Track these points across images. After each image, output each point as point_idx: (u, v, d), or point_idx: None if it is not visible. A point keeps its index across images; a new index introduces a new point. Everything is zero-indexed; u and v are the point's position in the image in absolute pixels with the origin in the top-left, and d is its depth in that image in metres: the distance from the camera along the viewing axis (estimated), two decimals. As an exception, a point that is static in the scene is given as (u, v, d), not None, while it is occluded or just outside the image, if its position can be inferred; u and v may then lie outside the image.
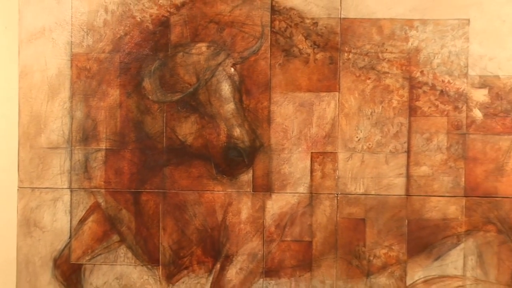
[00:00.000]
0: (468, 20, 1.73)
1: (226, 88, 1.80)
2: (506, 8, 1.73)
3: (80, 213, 1.82)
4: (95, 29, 1.81)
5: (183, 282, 1.82)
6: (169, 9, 1.79)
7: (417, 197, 1.76)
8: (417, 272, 1.76)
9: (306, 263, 1.79)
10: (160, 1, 1.79)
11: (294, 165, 1.79)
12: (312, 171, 1.79)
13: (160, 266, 1.82)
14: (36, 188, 1.83)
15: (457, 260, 1.74)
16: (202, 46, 1.80)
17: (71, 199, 1.82)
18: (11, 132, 1.84)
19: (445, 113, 1.74)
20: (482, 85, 1.73)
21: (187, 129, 1.81)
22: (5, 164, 1.86)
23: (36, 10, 1.82)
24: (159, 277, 1.82)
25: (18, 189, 1.82)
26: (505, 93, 1.73)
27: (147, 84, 1.81)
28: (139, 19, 1.80)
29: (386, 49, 1.75)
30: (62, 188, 1.83)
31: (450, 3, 1.74)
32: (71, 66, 1.81)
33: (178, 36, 1.80)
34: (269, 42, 1.78)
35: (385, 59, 1.75)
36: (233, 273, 1.81)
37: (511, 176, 1.74)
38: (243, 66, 1.79)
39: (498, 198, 1.74)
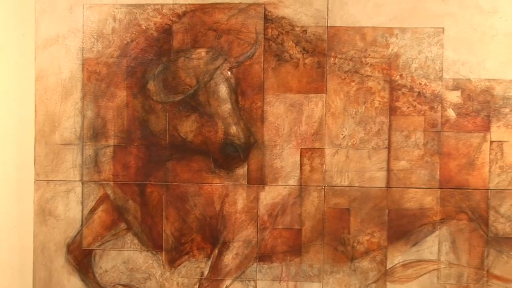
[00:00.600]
0: (443, 28, 1.83)
1: (223, 90, 1.88)
2: (477, 18, 1.82)
3: (90, 203, 1.91)
4: (104, 36, 1.90)
5: (184, 266, 1.90)
6: (171, 18, 1.88)
7: (396, 189, 1.85)
8: (396, 257, 1.85)
9: (296, 249, 1.88)
10: (164, 11, 1.88)
11: (285, 160, 1.87)
12: (301, 165, 1.87)
13: (164, 252, 1.91)
14: (50, 180, 1.91)
15: (432, 246, 1.84)
16: (202, 52, 1.88)
17: (82, 190, 1.91)
18: (28, 130, 1.93)
19: (422, 112, 1.84)
20: (455, 88, 1.83)
21: (188, 127, 1.90)
22: (22, 159, 1.96)
23: (50, 19, 1.90)
24: (163, 262, 1.91)
25: (34, 182, 1.91)
26: (476, 95, 1.82)
27: (151, 86, 1.89)
28: (144, 27, 1.88)
29: (369, 55, 1.84)
30: (74, 180, 1.91)
31: (426, 13, 1.83)
32: (83, 70, 1.90)
33: (180, 43, 1.89)
34: (263, 48, 1.86)
35: (367, 63, 1.85)
36: (229, 258, 1.90)
37: (481, 170, 1.82)
38: (239, 70, 1.87)
39: (469, 190, 1.83)
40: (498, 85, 1.83)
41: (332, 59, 1.86)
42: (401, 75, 1.84)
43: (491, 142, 1.85)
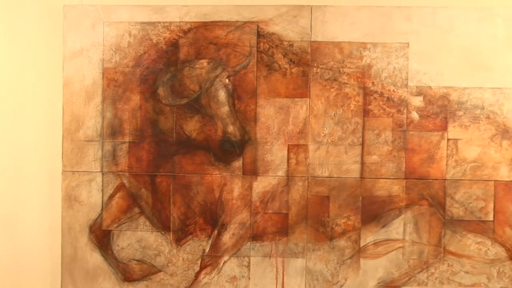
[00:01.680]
0: (408, 43, 1.94)
1: (222, 95, 1.99)
2: (436, 35, 1.94)
3: (109, 191, 2.02)
4: (121, 49, 1.99)
5: (188, 244, 2.01)
6: (178, 34, 1.98)
7: (369, 179, 1.97)
8: (368, 237, 1.97)
9: (283, 230, 1.99)
10: (172, 27, 1.98)
11: (275, 154, 1.98)
12: (288, 159, 1.98)
13: (171, 232, 2.01)
14: (75, 171, 2.01)
15: (398, 227, 1.96)
16: (204, 62, 1.98)
17: (102, 180, 2.01)
18: (56, 129, 2.03)
19: (391, 114, 1.96)
20: (418, 94, 1.95)
21: (191, 126, 2.00)
22: (52, 153, 2.06)
23: (76, 34, 2.00)
24: (170, 241, 2.01)
25: (62, 172, 2.01)
26: (435, 100, 1.94)
27: (161, 91, 2.00)
28: (155, 41, 1.98)
29: (346, 65, 1.95)
30: (96, 171, 2.01)
31: (394, 31, 1.94)
32: (103, 78, 2.00)
33: (185, 54, 1.98)
34: (256, 59, 1.97)
35: (344, 72, 1.96)
36: (227, 238, 2.00)
37: (439, 163, 1.94)
38: (235, 78, 1.98)
39: (429, 180, 1.95)
40: (454, 91, 1.94)
41: (314, 69, 1.96)
42: (373, 83, 1.96)
43: (448, 139, 1.95)
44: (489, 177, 1.95)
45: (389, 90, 1.96)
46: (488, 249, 1.95)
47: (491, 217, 1.95)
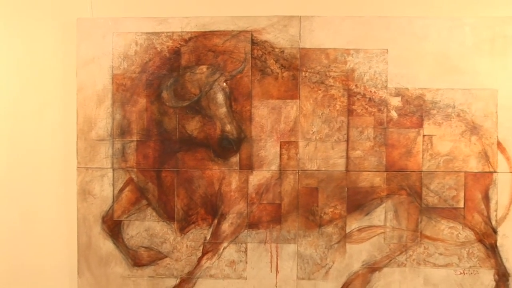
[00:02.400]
0: (387, 49, 2.00)
1: (220, 97, 2.02)
2: (412, 42, 1.99)
3: (119, 185, 2.06)
4: (128, 57, 2.04)
5: (191, 233, 2.06)
6: (180, 42, 2.02)
7: (353, 172, 2.02)
8: (353, 224, 2.03)
9: (277, 218, 2.04)
10: (174, 37, 2.02)
11: (268, 150, 2.03)
12: (280, 154, 2.02)
13: (175, 222, 2.06)
14: (89, 167, 2.05)
15: (380, 215, 2.02)
16: (203, 68, 2.02)
17: (113, 175, 2.05)
18: (71, 129, 2.08)
19: (372, 113, 2.01)
20: (397, 94, 2.00)
21: (193, 126, 2.04)
22: (67, 151, 2.10)
23: (88, 44, 2.04)
24: (175, 229, 2.06)
25: (77, 169, 2.05)
26: (412, 100, 2.00)
27: (165, 94, 2.03)
28: (159, 49, 2.03)
29: (331, 69, 2.00)
30: (107, 167, 2.05)
31: (374, 38, 2.00)
32: (112, 83, 2.04)
33: (186, 61, 2.03)
34: (250, 65, 2.01)
35: (330, 76, 2.00)
36: (226, 226, 2.05)
37: (416, 157, 2.00)
38: (232, 82, 2.02)
39: (407, 172, 2.01)
40: (428, 92, 1.99)
41: (303, 73, 2.01)
42: (356, 85, 2.01)
43: (424, 135, 2.01)
44: (460, 169, 2.00)
45: (370, 92, 2.01)
46: (459, 233, 2.02)
47: (461, 205, 2.01)
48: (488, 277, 2.03)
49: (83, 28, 2.05)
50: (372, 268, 2.05)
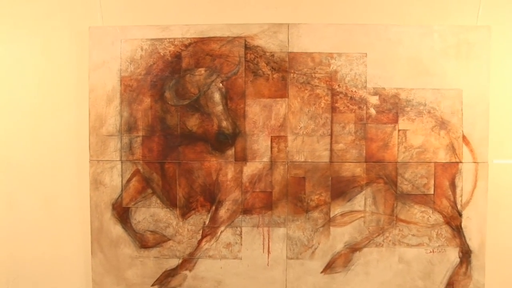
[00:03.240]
0: (366, 53, 2.07)
1: (217, 96, 2.06)
2: (388, 47, 2.06)
3: (127, 175, 2.10)
4: (135, 61, 2.09)
5: (192, 218, 2.11)
6: (181, 47, 2.07)
7: (336, 163, 2.08)
8: (336, 209, 2.10)
9: (268, 205, 2.10)
10: (175, 42, 2.07)
11: (260, 144, 2.08)
12: (271, 147, 2.08)
13: (177, 208, 2.11)
14: (100, 160, 2.10)
15: (360, 201, 2.10)
16: (202, 70, 2.06)
17: (121, 167, 2.10)
18: (84, 126, 2.14)
19: (353, 111, 2.07)
20: (375, 94, 2.08)
21: (193, 122, 2.08)
22: (81, 146, 2.16)
23: (99, 50, 2.10)
24: (177, 215, 2.11)
25: (89, 161, 2.11)
26: (388, 98, 2.07)
27: (167, 94, 2.08)
28: (162, 54, 2.08)
29: (317, 71, 2.06)
30: (116, 160, 2.10)
31: (355, 43, 2.06)
32: (120, 84, 2.09)
33: (187, 64, 2.07)
34: (244, 67, 2.06)
35: (316, 77, 2.07)
36: (223, 212, 2.11)
37: (392, 149, 2.08)
38: (227, 82, 2.07)
39: (385, 163, 2.09)
40: (403, 92, 2.07)
41: (291, 74, 2.06)
42: (338, 85, 2.07)
43: (399, 130, 2.08)
44: (430, 160, 2.10)
45: (351, 91, 2.08)
46: (430, 216, 2.12)
47: (432, 191, 2.11)
48: (453, 254, 2.14)
49: (95, 35, 2.11)
50: (353, 248, 2.13)
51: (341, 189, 2.11)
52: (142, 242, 2.15)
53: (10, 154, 2.24)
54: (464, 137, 2.10)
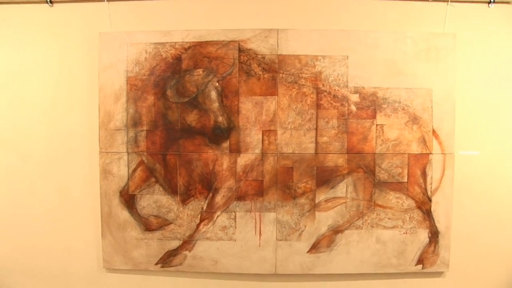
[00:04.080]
0: (347, 56, 2.16)
1: (213, 94, 2.14)
2: (367, 50, 2.15)
3: (133, 166, 2.19)
4: (140, 63, 2.17)
5: (191, 204, 2.20)
6: (181, 50, 2.16)
7: (321, 154, 2.17)
8: (321, 196, 2.19)
9: (259, 192, 2.19)
10: (176, 46, 2.15)
11: (253, 137, 2.16)
12: (262, 140, 2.16)
13: (178, 195, 2.20)
14: (109, 152, 2.20)
15: (342, 188, 2.19)
16: (200, 71, 2.15)
17: (128, 158, 2.19)
18: (94, 122, 2.23)
19: (336, 107, 2.17)
20: (355, 92, 2.17)
21: (192, 118, 2.15)
22: (91, 139, 2.24)
23: (108, 53, 2.18)
24: (178, 201, 2.20)
25: (99, 153, 2.21)
26: (367, 96, 2.17)
27: (169, 92, 2.16)
28: (164, 56, 2.16)
29: (303, 72, 2.15)
30: (123, 152, 2.19)
31: (337, 47, 2.15)
32: (127, 84, 2.18)
33: (186, 65, 2.15)
34: (238, 68, 2.14)
35: (303, 77, 2.15)
36: (219, 198, 2.19)
37: (371, 142, 2.18)
38: (223, 82, 2.15)
39: (364, 154, 2.18)
40: (380, 90, 2.17)
41: (281, 74, 2.15)
42: (323, 84, 2.16)
43: (376, 125, 2.18)
44: (404, 151, 2.21)
45: (334, 90, 2.18)
46: (403, 202, 2.24)
47: (405, 179, 2.22)
48: (423, 235, 2.28)
49: (104, 40, 2.21)
50: (336, 230, 2.24)
51: (325, 178, 2.20)
52: (147, 226, 2.23)
53: (29, 147, 2.32)
54: (433, 131, 2.22)
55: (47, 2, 2.27)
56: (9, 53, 2.28)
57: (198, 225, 2.23)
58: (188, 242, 2.24)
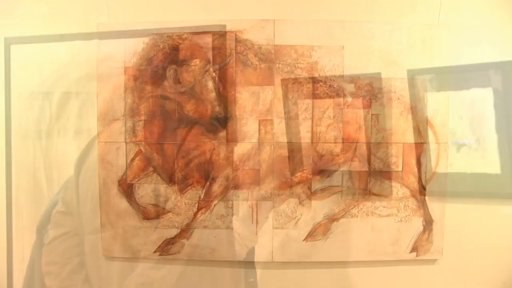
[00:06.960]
0: (343, 46, 2.11)
1: (210, 84, 2.11)
2: (362, 41, 2.10)
3: (131, 155, 2.16)
4: (137, 53, 2.15)
5: (188, 193, 2.16)
6: (178, 41, 2.12)
7: (317, 144, 2.15)
8: (317, 184, 2.15)
9: (256, 181, 2.15)
10: (173, 37, 2.10)
11: (250, 126, 2.13)
12: (259, 130, 2.13)
13: (176, 184, 2.16)
14: (107, 141, 2.17)
15: (338, 177, 2.15)
16: (197, 61, 2.12)
17: (126, 148, 2.16)
18: (93, 111, 2.17)
19: (332, 97, 2.12)
20: (351, 82, 2.13)
21: (189, 107, 2.13)
22: (90, 128, 2.19)
23: (107, 45, 2.17)
24: (175, 190, 2.17)
25: (98, 143, 2.18)
26: (363, 86, 2.12)
27: (166, 83, 2.13)
28: (161, 47, 2.12)
29: (299, 62, 2.11)
30: (121, 141, 2.17)
31: (333, 37, 2.07)
32: (125, 74, 2.15)
33: (183, 56, 2.12)
34: (234, 58, 2.11)
35: (299, 67, 2.12)
36: (216, 187, 2.16)
37: (366, 131, 2.13)
38: (220, 72, 2.11)
39: (359, 143, 2.14)
40: (375, 81, 2.15)
41: (277, 64, 2.11)
42: (319, 74, 2.12)
43: (372, 114, 2.14)
44: (399, 141, 2.17)
45: (330, 80, 2.13)
46: (398, 190, 2.22)
47: (400, 168, 2.19)
48: (418, 223, 2.28)
49: (102, 30, 2.27)
50: (331, 219, 2.20)
51: (322, 167, 2.17)
52: (145, 214, 2.21)
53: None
54: (428, 121, 2.23)
55: (44, -7, 2.27)
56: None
57: (195, 214, 2.23)
58: (185, 231, 2.26)
